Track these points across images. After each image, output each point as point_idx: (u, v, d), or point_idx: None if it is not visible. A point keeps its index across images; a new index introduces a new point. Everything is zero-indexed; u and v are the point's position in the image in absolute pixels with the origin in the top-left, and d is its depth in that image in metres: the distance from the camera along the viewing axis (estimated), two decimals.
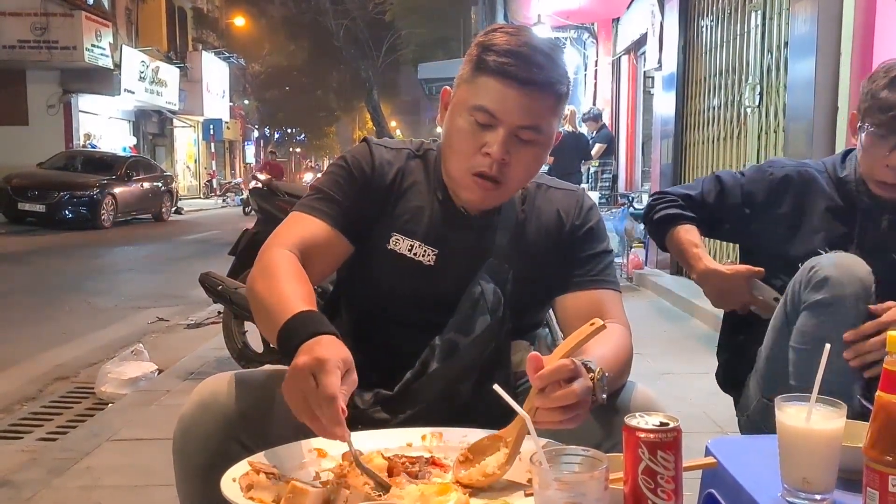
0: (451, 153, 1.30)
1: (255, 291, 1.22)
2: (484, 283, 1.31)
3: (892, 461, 0.84)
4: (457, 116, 1.28)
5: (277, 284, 1.19)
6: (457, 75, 1.32)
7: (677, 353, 4.35)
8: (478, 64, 1.26)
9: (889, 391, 0.85)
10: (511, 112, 1.23)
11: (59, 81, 18.59)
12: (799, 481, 0.97)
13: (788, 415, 0.99)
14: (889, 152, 1.50)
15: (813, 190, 1.66)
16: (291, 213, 1.35)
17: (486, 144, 1.24)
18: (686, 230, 1.78)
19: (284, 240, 1.28)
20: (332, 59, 30.42)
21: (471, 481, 1.00)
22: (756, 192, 1.72)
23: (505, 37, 1.26)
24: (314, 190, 1.36)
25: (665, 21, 7.16)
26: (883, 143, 1.51)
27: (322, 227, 1.31)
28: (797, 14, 4.30)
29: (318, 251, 1.29)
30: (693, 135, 6.62)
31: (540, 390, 0.99)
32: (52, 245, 10.96)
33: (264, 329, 1.21)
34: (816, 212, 1.64)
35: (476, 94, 1.25)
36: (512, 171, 1.27)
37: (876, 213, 1.58)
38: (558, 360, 1.01)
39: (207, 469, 1.11)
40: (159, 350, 4.43)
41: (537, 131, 1.26)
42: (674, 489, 0.85)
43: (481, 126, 1.25)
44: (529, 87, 1.23)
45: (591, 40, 11.86)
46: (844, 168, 1.66)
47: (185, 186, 26.21)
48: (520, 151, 1.26)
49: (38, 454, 2.82)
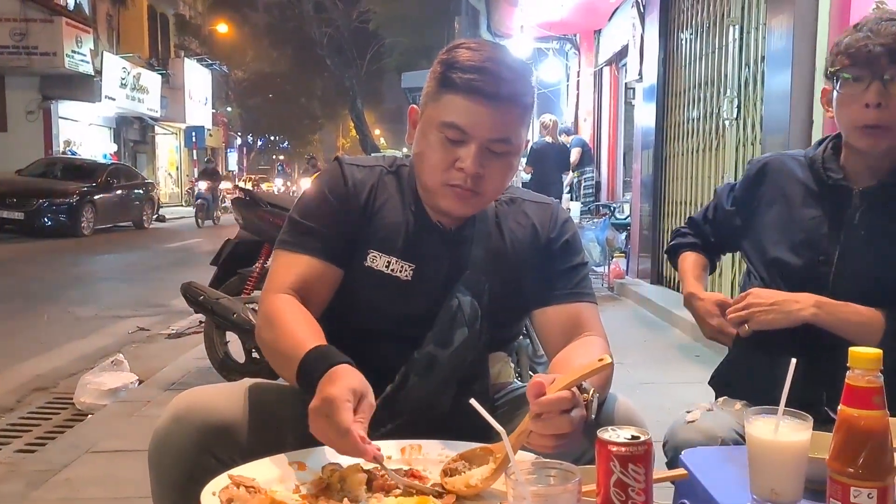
0: (424, 168, 1.32)
1: (265, 342, 1.28)
2: (461, 295, 1.33)
3: (854, 473, 0.87)
4: (427, 134, 1.30)
5: (284, 330, 1.23)
6: (423, 92, 1.34)
7: (657, 363, 4.39)
8: (443, 81, 1.28)
9: (850, 405, 0.88)
10: (481, 127, 1.25)
11: (39, 87, 18.41)
12: (767, 492, 1.00)
13: (757, 427, 1.01)
14: (865, 89, 1.43)
15: (787, 176, 1.62)
16: (277, 253, 1.37)
17: (459, 159, 1.26)
18: (684, 258, 1.79)
19: (279, 284, 1.31)
20: (316, 67, 30.43)
21: (453, 488, 1.02)
22: (742, 194, 1.71)
23: (468, 52, 1.28)
24: (293, 223, 1.37)
25: (645, 33, 7.24)
26: (857, 84, 1.44)
27: (311, 262, 1.32)
28: (773, 28, 4.38)
29: (313, 287, 1.31)
30: (673, 146, 6.70)
31: (537, 415, 1.01)
32: (30, 253, 10.86)
33: (285, 376, 1.25)
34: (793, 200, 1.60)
35: (444, 111, 1.27)
36: (487, 183, 1.29)
37: (846, 190, 1.53)
38: (560, 391, 1.02)
39: (183, 483, 1.12)
40: (140, 360, 4.40)
41: (507, 143, 1.28)
42: (644, 501, 0.88)
43: (452, 142, 1.27)
44: (497, 102, 1.25)
45: (573, 51, 11.97)
46: (815, 150, 1.61)
47: (167, 194, 26.02)
48: (493, 163, 1.28)
49: (16, 466, 2.80)
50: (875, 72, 1.41)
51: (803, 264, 1.54)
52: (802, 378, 1.07)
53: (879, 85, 1.41)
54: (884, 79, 1.41)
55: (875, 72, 1.41)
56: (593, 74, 11.10)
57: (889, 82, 1.41)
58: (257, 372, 3.43)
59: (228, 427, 1.19)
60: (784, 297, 1.48)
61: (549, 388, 1.03)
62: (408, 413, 1.29)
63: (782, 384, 1.02)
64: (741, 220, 1.70)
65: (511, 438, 1.03)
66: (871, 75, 1.41)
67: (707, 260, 1.82)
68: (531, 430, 1.02)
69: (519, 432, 1.04)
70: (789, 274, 1.55)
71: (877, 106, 1.41)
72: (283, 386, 1.43)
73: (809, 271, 1.53)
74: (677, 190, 6.54)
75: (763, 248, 1.63)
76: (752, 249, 1.68)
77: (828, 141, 1.61)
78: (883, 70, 1.41)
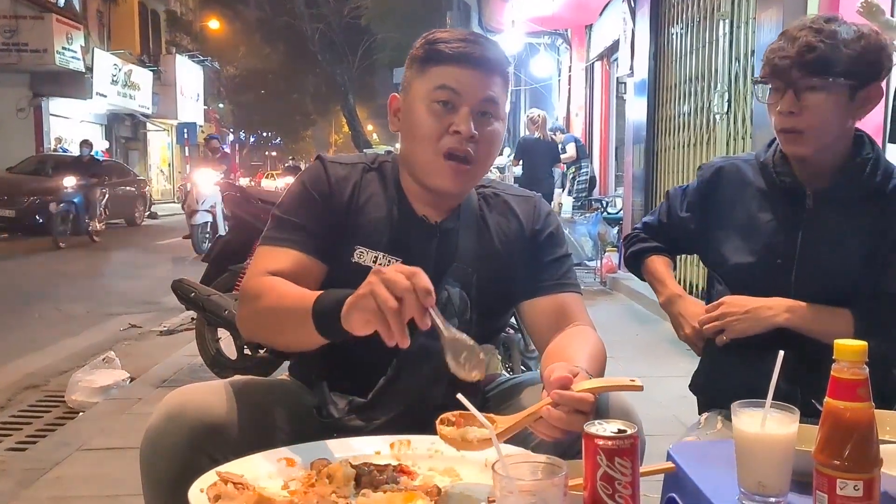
0: (416, 144, 1.34)
1: (260, 311, 1.25)
2: (450, 287, 1.34)
3: (840, 465, 0.87)
4: (415, 110, 1.33)
5: (280, 293, 1.23)
6: (403, 79, 1.38)
7: (649, 357, 4.40)
8: (427, 58, 1.34)
9: (836, 397, 0.88)
10: (473, 87, 1.31)
11: (29, 84, 18.28)
12: (755, 485, 1.00)
13: (744, 420, 1.01)
14: (781, 98, 1.48)
15: (741, 181, 1.64)
16: (260, 248, 1.36)
17: (454, 124, 1.30)
18: (653, 262, 1.80)
19: (263, 270, 1.30)
20: (308, 63, 30.28)
21: (447, 436, 1.04)
22: (695, 199, 1.72)
23: (447, 33, 1.36)
24: (277, 220, 1.37)
25: (636, 28, 7.24)
26: (775, 93, 1.50)
27: (295, 256, 1.32)
28: (763, 23, 4.39)
29: (297, 280, 1.30)
30: (664, 140, 6.71)
31: (554, 404, 1.02)
32: (21, 251, 10.80)
33: (289, 332, 1.22)
34: (749, 204, 1.62)
35: (433, 80, 1.32)
36: (481, 149, 1.33)
37: (799, 191, 1.55)
38: (583, 391, 1.03)
39: (175, 481, 1.12)
40: (131, 357, 4.39)
41: (496, 104, 1.34)
42: (631, 494, 0.88)
43: (444, 107, 1.31)
44: (485, 66, 1.33)
45: (564, 46, 11.97)
46: (766, 153, 1.63)
47: (159, 191, 25.93)
48: (484, 129, 1.33)
49: (7, 464, 2.79)
50: (787, 82, 1.47)
51: (763, 269, 1.57)
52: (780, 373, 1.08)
53: (791, 95, 1.47)
54: (795, 88, 1.46)
55: (787, 82, 1.47)
56: (584, 69, 11.10)
57: (800, 92, 1.46)
58: (249, 368, 3.42)
59: (220, 425, 1.18)
60: (757, 304, 1.52)
61: (575, 384, 1.04)
62: (400, 406, 1.29)
63: (763, 379, 1.03)
64: (695, 226, 1.72)
65: (518, 417, 1.04)
66: (784, 85, 1.48)
67: (671, 260, 1.84)
68: (541, 417, 1.03)
69: (528, 413, 1.05)
70: (751, 280, 1.57)
71: (789, 113, 1.47)
72: (274, 382, 1.44)
73: (770, 275, 1.56)
74: (669, 184, 6.54)
75: (722, 255, 1.65)
76: (711, 256, 1.70)
77: (777, 143, 1.63)
78: (793, 81, 1.46)
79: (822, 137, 1.49)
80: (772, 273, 1.55)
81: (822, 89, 1.45)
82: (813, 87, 1.45)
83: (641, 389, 1.07)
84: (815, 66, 1.44)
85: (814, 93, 1.46)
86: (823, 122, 1.47)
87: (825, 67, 1.44)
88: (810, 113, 1.46)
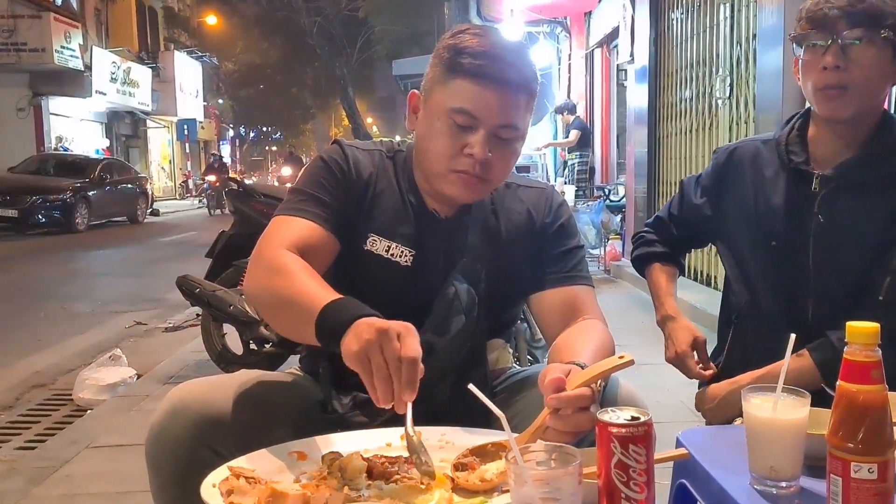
0: (429, 154, 1.31)
1: (272, 288, 1.20)
2: (457, 283, 1.33)
3: (854, 448, 0.86)
4: (434, 120, 1.29)
5: (296, 279, 1.17)
6: (426, 77, 1.33)
7: (654, 344, 4.35)
8: (451, 66, 1.27)
9: (849, 380, 0.87)
10: (490, 112, 1.25)
11: (29, 84, 18.27)
12: (766, 469, 1.00)
13: (755, 405, 1.01)
14: (824, 53, 1.42)
15: (757, 160, 1.61)
16: (276, 218, 1.32)
17: (468, 145, 1.26)
18: (655, 273, 1.77)
19: (280, 241, 1.25)
20: (307, 57, 30.23)
21: (467, 484, 1.01)
22: (709, 183, 1.69)
23: (475, 38, 1.28)
24: (295, 192, 1.34)
25: (636, 14, 7.20)
26: (817, 48, 1.44)
27: (313, 227, 1.29)
28: (764, 6, 4.36)
29: (313, 252, 1.27)
30: (666, 126, 6.68)
31: (555, 410, 1.01)
32: (25, 250, 10.81)
33: (289, 322, 1.20)
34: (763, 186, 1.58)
35: (452, 96, 1.27)
36: (494, 169, 1.29)
37: (806, 175, 1.52)
38: (579, 387, 1.01)
39: (181, 476, 1.12)
40: (138, 354, 4.40)
41: (515, 129, 1.29)
42: (646, 481, 0.87)
43: (461, 128, 1.26)
44: (505, 87, 1.26)
45: (563, 34, 11.90)
46: (782, 130, 1.60)
47: (161, 188, 25.93)
48: (500, 149, 1.28)
49: (16, 463, 2.80)
50: (833, 35, 1.41)
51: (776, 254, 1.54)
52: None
53: (837, 48, 1.41)
54: (841, 41, 1.41)
55: (833, 35, 1.41)
56: (585, 57, 11.05)
57: (847, 45, 1.41)
58: (256, 363, 3.43)
59: (224, 419, 1.18)
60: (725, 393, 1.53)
61: (568, 383, 1.02)
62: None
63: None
64: (711, 212, 1.68)
65: (526, 435, 1.02)
66: (830, 39, 1.42)
67: (676, 268, 1.81)
68: (548, 426, 1.01)
69: (535, 428, 1.03)
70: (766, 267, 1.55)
71: (835, 68, 1.41)
72: (279, 376, 1.43)
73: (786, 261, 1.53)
74: (671, 170, 6.53)
75: (735, 241, 1.62)
76: (724, 248, 1.67)
77: (795, 119, 1.59)
78: (840, 33, 1.40)
79: (866, 98, 1.44)
80: (787, 259, 1.52)
81: (870, 42, 1.40)
82: (860, 39, 1.39)
83: (633, 363, 1.05)
84: (865, 18, 1.38)
85: (861, 46, 1.40)
86: (868, 80, 1.42)
87: (876, 19, 1.39)
88: (857, 67, 1.40)
